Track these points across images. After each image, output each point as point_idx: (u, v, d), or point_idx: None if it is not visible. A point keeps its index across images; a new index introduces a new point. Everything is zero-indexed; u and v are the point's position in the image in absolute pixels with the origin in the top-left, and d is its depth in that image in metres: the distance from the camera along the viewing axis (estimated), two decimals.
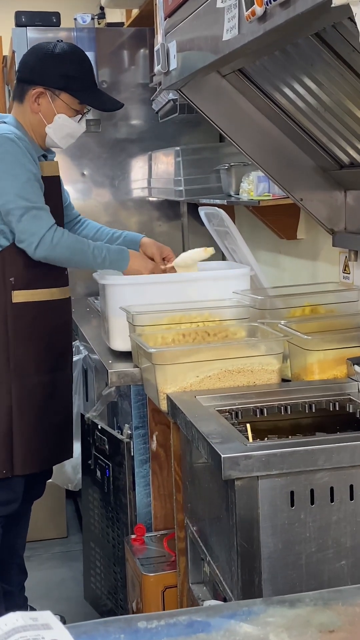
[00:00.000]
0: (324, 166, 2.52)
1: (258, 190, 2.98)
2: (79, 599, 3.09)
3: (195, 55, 2.08)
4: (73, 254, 2.54)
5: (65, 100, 2.62)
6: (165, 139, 4.02)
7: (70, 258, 2.55)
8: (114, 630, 0.91)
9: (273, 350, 2.09)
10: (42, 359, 2.64)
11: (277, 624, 0.93)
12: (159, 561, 2.36)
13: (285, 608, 0.97)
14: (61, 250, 2.51)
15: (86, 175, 4.08)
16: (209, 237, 3.31)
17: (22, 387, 2.59)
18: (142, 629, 0.92)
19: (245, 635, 0.91)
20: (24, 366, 2.60)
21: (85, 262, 2.58)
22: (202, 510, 1.88)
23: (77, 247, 2.55)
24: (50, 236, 2.49)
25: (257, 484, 1.53)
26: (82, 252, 2.55)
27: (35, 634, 0.84)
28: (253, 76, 2.34)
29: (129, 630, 0.92)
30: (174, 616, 0.94)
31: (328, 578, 1.56)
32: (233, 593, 1.61)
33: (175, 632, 0.91)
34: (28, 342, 2.61)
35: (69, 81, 2.60)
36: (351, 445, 1.56)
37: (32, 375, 2.61)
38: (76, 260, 2.56)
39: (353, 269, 2.62)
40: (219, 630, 0.92)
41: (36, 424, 2.62)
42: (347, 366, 2.04)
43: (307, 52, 1.92)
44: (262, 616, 0.95)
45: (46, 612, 0.87)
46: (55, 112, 2.62)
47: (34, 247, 2.49)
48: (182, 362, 2.05)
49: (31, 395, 2.61)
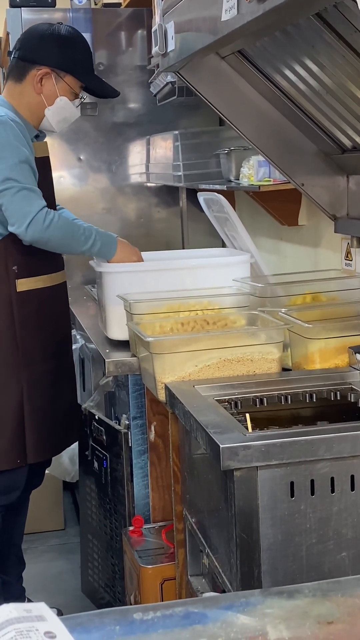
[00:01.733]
0: (326, 150, 2.51)
1: (258, 175, 2.98)
2: (76, 592, 3.11)
3: (194, 37, 2.07)
4: (65, 236, 2.54)
5: (69, 83, 2.65)
6: (163, 123, 4.01)
7: (62, 241, 2.55)
8: (109, 622, 0.92)
9: (273, 339, 2.09)
10: (48, 345, 2.68)
11: (274, 615, 0.94)
12: (157, 553, 2.37)
13: (283, 599, 0.98)
14: (53, 232, 2.50)
15: (82, 160, 4.07)
16: (209, 224, 3.31)
17: (31, 375, 2.63)
18: (138, 620, 0.92)
19: (243, 627, 0.92)
20: (32, 354, 2.63)
21: (75, 246, 2.58)
22: (200, 502, 1.89)
23: (68, 230, 2.55)
24: (43, 217, 2.48)
25: (257, 474, 1.54)
26: (73, 235, 2.55)
27: (29, 626, 0.84)
28: (253, 58, 2.33)
29: (125, 621, 0.92)
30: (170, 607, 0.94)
31: (329, 570, 1.57)
32: (232, 585, 1.62)
33: (171, 623, 0.92)
34: (35, 330, 2.64)
35: (76, 64, 2.65)
36: (352, 435, 1.56)
37: (39, 363, 2.65)
38: (67, 243, 2.57)
39: (355, 256, 2.62)
40: (216, 621, 0.92)
41: (45, 411, 2.66)
42: (348, 355, 2.05)
43: (308, 33, 1.91)
44: (260, 607, 0.96)
45: (40, 604, 0.88)
46: (58, 94, 2.65)
47: (25, 228, 2.48)
48: (181, 351, 2.05)
49: (40, 383, 2.65)
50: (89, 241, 2.56)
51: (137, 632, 0.91)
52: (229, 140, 3.49)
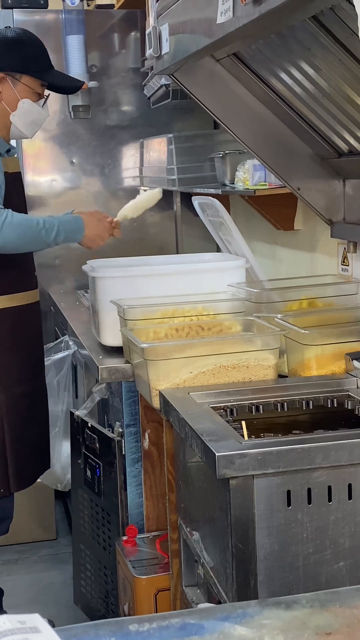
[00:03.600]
0: (322, 154, 2.52)
1: (254, 180, 2.98)
2: (68, 603, 3.10)
3: (189, 39, 2.08)
4: (23, 234, 2.44)
5: (27, 83, 2.61)
6: (157, 126, 4.02)
7: (20, 239, 2.44)
8: (105, 634, 0.92)
9: (269, 345, 2.10)
10: (23, 366, 2.65)
11: (272, 626, 0.94)
12: (151, 563, 2.37)
13: (281, 610, 0.98)
14: (8, 232, 2.39)
15: (75, 163, 4.08)
16: (203, 228, 3.32)
17: (9, 399, 2.59)
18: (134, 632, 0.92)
19: (240, 638, 0.92)
20: (9, 376, 2.59)
21: (38, 240, 2.48)
22: (195, 511, 1.89)
23: (25, 226, 2.44)
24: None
25: (253, 483, 1.54)
26: (31, 231, 2.45)
27: (23, 638, 0.84)
28: (248, 61, 2.34)
29: (120, 633, 0.92)
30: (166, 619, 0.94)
31: (326, 580, 1.57)
32: (228, 596, 1.62)
33: (167, 635, 0.92)
34: (11, 350, 2.60)
35: (29, 63, 2.61)
36: (349, 443, 1.57)
37: (16, 385, 2.62)
38: (27, 241, 2.47)
39: (352, 260, 2.63)
40: (213, 633, 0.92)
41: (24, 436, 2.62)
42: (345, 361, 2.05)
43: (304, 36, 1.92)
44: (257, 618, 0.96)
45: (34, 615, 0.88)
46: (19, 97, 2.61)
47: None
48: (175, 358, 2.05)
49: (17, 406, 2.62)
50: (52, 233, 2.47)
51: None
52: (224, 144, 3.50)
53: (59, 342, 3.39)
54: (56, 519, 3.80)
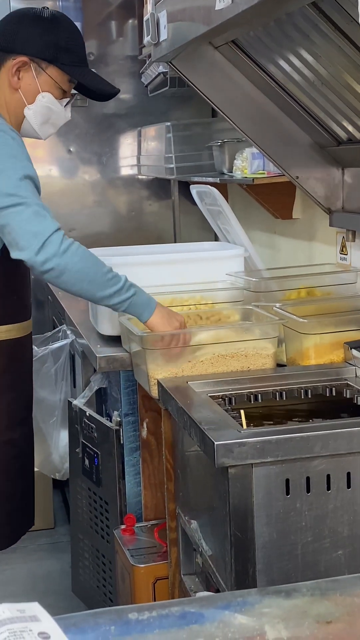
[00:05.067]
0: (321, 142, 2.52)
1: (252, 168, 2.97)
2: (67, 592, 3.10)
3: (187, 26, 2.07)
4: (86, 268, 2.01)
5: (52, 75, 2.21)
6: (155, 114, 4.00)
7: (82, 273, 2.00)
8: (104, 622, 0.92)
9: (268, 334, 2.09)
10: (13, 410, 2.31)
11: (273, 614, 0.94)
12: (149, 552, 2.37)
13: (281, 598, 0.98)
14: (71, 259, 1.99)
15: (72, 152, 4.06)
16: (201, 217, 3.31)
17: None
18: (134, 620, 0.92)
19: (240, 627, 0.92)
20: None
21: (98, 284, 2.03)
22: (194, 500, 1.89)
23: (91, 261, 2.04)
24: (59, 239, 2.00)
25: (252, 471, 1.54)
26: (96, 269, 2.04)
27: (22, 626, 0.84)
28: (247, 48, 2.33)
29: (120, 621, 0.92)
30: (166, 607, 0.94)
31: (325, 568, 1.57)
32: (226, 584, 1.62)
33: (167, 623, 0.92)
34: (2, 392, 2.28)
35: (59, 52, 2.21)
36: (348, 431, 1.57)
37: (4, 432, 2.29)
38: (88, 278, 2.02)
39: (350, 249, 2.62)
40: (213, 621, 0.92)
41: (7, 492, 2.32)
42: (344, 350, 2.05)
43: (303, 23, 1.91)
44: (258, 607, 0.96)
45: (34, 604, 0.88)
46: (40, 89, 2.21)
47: (36, 251, 1.98)
48: (174, 347, 2.05)
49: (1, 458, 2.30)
50: (117, 286, 2.04)
51: (133, 633, 0.91)
52: (222, 132, 3.49)
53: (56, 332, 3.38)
54: (54, 508, 3.80)
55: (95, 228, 4.09)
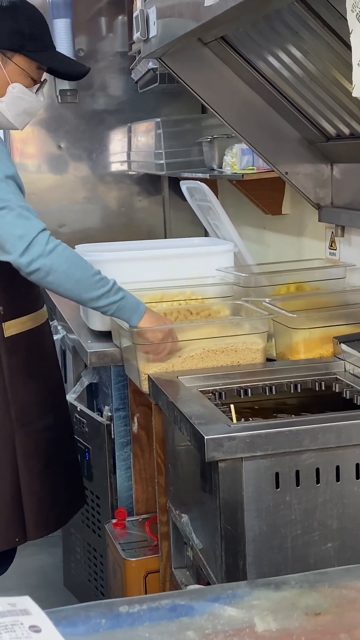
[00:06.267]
0: (310, 138, 2.52)
1: (242, 164, 2.97)
2: (58, 586, 3.11)
3: (176, 22, 2.06)
4: (72, 268, 2.00)
5: (20, 64, 2.16)
6: (145, 110, 3.99)
7: (68, 273, 1.99)
8: (95, 615, 0.92)
9: (257, 329, 2.10)
10: (43, 398, 2.30)
11: (262, 607, 0.94)
12: (140, 546, 2.37)
13: (271, 591, 0.98)
14: (57, 259, 1.98)
15: (63, 148, 4.05)
16: (191, 213, 3.31)
17: (26, 438, 2.24)
18: (124, 613, 0.92)
19: (230, 619, 0.92)
20: (26, 411, 2.24)
21: (84, 286, 2.01)
22: (184, 494, 1.89)
23: (78, 262, 2.02)
24: (45, 240, 1.98)
25: (242, 465, 1.54)
26: (83, 270, 2.02)
27: (13, 620, 0.84)
28: (236, 44, 2.33)
29: (111, 615, 0.92)
30: (157, 600, 0.95)
31: (314, 561, 1.58)
32: (217, 577, 1.62)
33: (157, 616, 0.92)
34: (27, 381, 2.25)
35: (24, 40, 2.14)
36: (337, 425, 1.57)
37: (35, 421, 2.26)
38: (74, 278, 2.00)
39: (339, 245, 2.63)
40: (203, 614, 0.93)
41: (45, 477, 2.29)
42: (333, 345, 2.05)
43: (292, 19, 1.91)
44: (247, 599, 0.96)
45: (25, 598, 0.88)
46: (9, 80, 2.16)
47: (21, 253, 1.96)
48: (164, 342, 2.05)
49: (37, 445, 2.27)
50: (105, 288, 2.02)
51: (124, 625, 0.91)
52: (212, 128, 3.49)
53: None
54: None
55: (86, 224, 4.08)
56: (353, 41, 1.25)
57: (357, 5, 1.24)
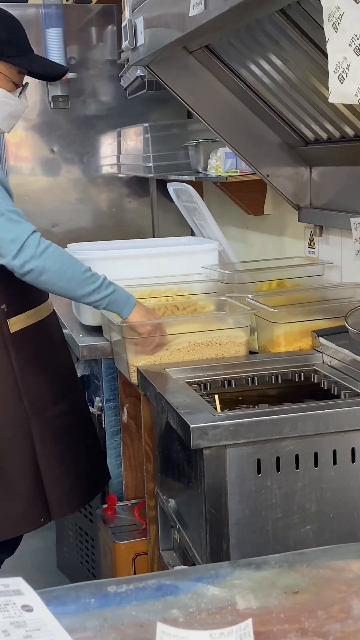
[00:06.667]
0: (290, 142, 2.52)
1: (226, 167, 2.97)
2: (52, 568, 3.10)
3: (162, 32, 2.06)
4: (64, 267, 1.99)
5: (1, 70, 2.13)
6: (133, 116, 3.98)
7: (60, 272, 1.98)
8: (85, 595, 0.92)
9: (241, 324, 2.10)
10: (54, 386, 2.28)
11: (243, 586, 0.95)
12: (130, 529, 2.38)
13: (251, 570, 0.98)
14: (49, 260, 1.97)
15: (55, 151, 4.03)
16: (178, 213, 3.30)
17: (42, 424, 2.22)
18: (112, 593, 0.92)
19: (213, 598, 0.92)
20: (39, 400, 2.22)
21: (77, 283, 2.01)
22: (172, 480, 1.89)
23: (69, 261, 2.01)
24: (36, 241, 1.97)
25: (225, 452, 1.54)
26: (74, 268, 2.01)
27: (6, 600, 0.84)
28: (220, 53, 2.32)
29: (99, 594, 0.92)
30: (143, 580, 0.95)
31: (294, 543, 1.58)
32: (202, 559, 1.62)
33: (144, 595, 0.92)
34: (37, 372, 2.23)
35: (3, 47, 2.11)
36: (315, 414, 1.58)
37: (48, 408, 2.24)
38: (66, 276, 1.99)
39: (318, 243, 2.63)
40: (187, 592, 0.93)
41: (64, 460, 2.27)
42: (312, 338, 2.06)
43: (272, 29, 1.91)
44: (229, 579, 0.96)
45: (18, 579, 0.88)
46: None
47: (14, 256, 1.96)
48: (152, 336, 2.04)
49: (52, 431, 2.25)
50: (96, 283, 2.02)
51: (112, 605, 0.91)
52: (197, 133, 3.48)
53: None
54: None
55: (78, 224, 4.07)
56: (329, 49, 1.25)
57: (333, 15, 1.24)
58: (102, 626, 0.87)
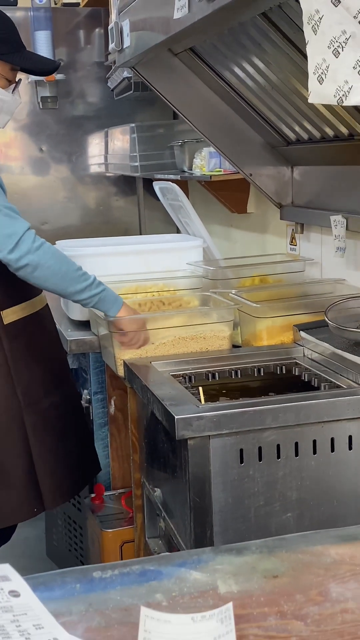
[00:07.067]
0: (272, 143, 2.52)
1: (210, 166, 2.97)
2: (41, 556, 3.10)
3: (148, 34, 2.05)
4: (58, 264, 1.99)
5: None
6: (120, 116, 3.97)
7: (54, 268, 1.98)
8: (70, 581, 0.92)
9: (224, 318, 2.10)
10: (48, 376, 2.26)
11: (224, 570, 0.95)
12: (117, 518, 2.38)
13: (233, 556, 0.98)
14: (44, 256, 1.97)
15: (44, 151, 4.02)
16: (164, 211, 3.30)
17: (35, 415, 2.21)
18: (97, 578, 0.92)
19: (195, 582, 0.92)
20: (32, 391, 2.21)
21: (69, 279, 2.01)
22: (157, 469, 1.89)
23: (62, 258, 2.02)
24: (31, 237, 1.98)
25: (209, 442, 1.54)
26: (68, 265, 2.01)
27: None
28: (204, 55, 2.32)
29: (85, 580, 0.92)
30: (128, 566, 0.95)
31: (275, 529, 1.58)
32: (187, 546, 1.63)
33: (128, 580, 0.92)
34: (30, 364, 2.22)
35: None
36: (296, 405, 1.58)
37: (41, 399, 2.23)
38: (60, 272, 1.99)
39: (299, 241, 2.64)
40: (170, 577, 0.93)
41: (57, 450, 2.25)
42: (293, 332, 2.06)
43: (254, 32, 1.91)
44: (211, 564, 0.97)
45: (5, 565, 0.87)
46: None
47: (9, 251, 1.96)
48: (138, 330, 2.04)
49: (46, 421, 2.24)
50: (87, 281, 2.03)
51: (97, 590, 0.91)
52: (183, 133, 3.48)
53: None
54: None
55: (66, 221, 4.06)
56: (309, 51, 1.25)
57: (312, 18, 1.24)
58: (87, 610, 0.87)
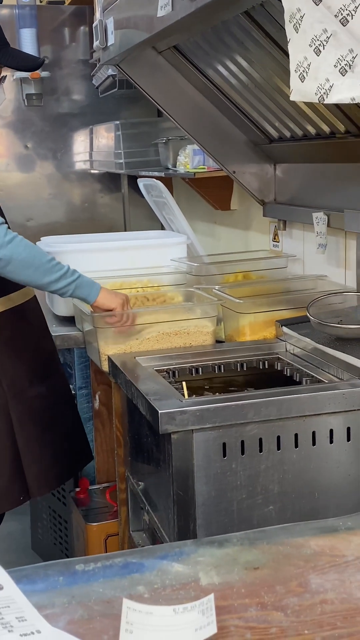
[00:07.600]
0: (255, 140, 2.52)
1: (194, 163, 2.97)
2: (26, 550, 3.09)
3: (132, 32, 2.04)
4: (30, 257, 1.96)
5: None
6: (105, 114, 3.96)
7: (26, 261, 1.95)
8: (53, 573, 0.92)
9: (208, 314, 2.10)
10: (33, 368, 2.23)
11: (206, 562, 0.95)
12: (101, 512, 2.37)
13: (214, 548, 0.98)
14: (16, 249, 1.94)
15: (29, 148, 4.00)
16: (148, 208, 3.29)
17: (20, 405, 2.18)
18: (80, 571, 0.92)
19: (177, 574, 0.92)
20: (17, 382, 2.18)
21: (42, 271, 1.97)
22: (141, 463, 1.89)
23: (34, 251, 1.98)
24: (3, 232, 1.95)
25: (192, 437, 1.54)
26: (40, 257, 1.98)
27: None
28: (187, 53, 2.31)
29: (68, 572, 0.92)
30: (110, 558, 0.94)
31: (257, 522, 1.59)
32: (170, 539, 1.63)
33: (111, 573, 0.92)
34: (16, 354, 2.19)
35: None
36: (278, 399, 1.58)
37: (26, 390, 2.20)
38: (32, 264, 1.96)
39: (282, 237, 2.64)
40: (152, 570, 0.93)
41: (43, 440, 2.23)
42: (275, 328, 2.07)
43: (237, 31, 1.91)
44: (193, 556, 0.97)
45: None
46: None
47: None
48: (123, 326, 2.04)
49: (31, 411, 2.21)
50: (61, 271, 1.99)
51: (79, 582, 0.91)
52: (167, 131, 3.47)
53: None
54: None
55: (52, 218, 4.04)
56: (290, 49, 1.25)
57: (294, 17, 1.24)
58: (70, 603, 0.87)
